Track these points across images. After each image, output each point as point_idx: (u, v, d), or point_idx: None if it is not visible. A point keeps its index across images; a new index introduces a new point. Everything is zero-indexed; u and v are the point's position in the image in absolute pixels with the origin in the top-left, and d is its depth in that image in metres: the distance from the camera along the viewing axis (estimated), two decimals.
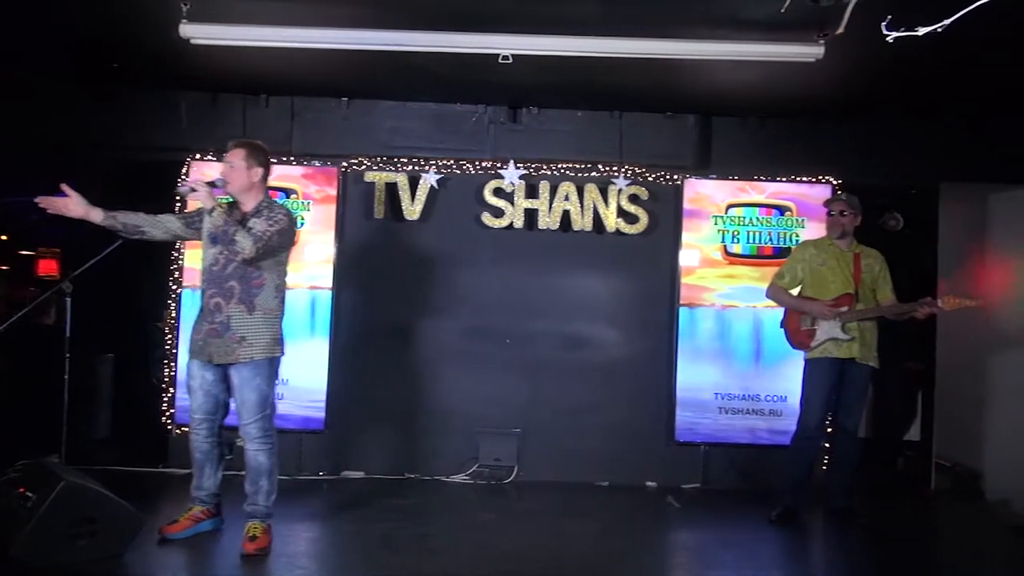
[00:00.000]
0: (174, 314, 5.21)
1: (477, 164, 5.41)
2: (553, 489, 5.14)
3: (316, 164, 5.33)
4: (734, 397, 5.34)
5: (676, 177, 5.42)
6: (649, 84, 4.76)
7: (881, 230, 5.87)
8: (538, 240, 5.41)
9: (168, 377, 5.21)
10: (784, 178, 5.41)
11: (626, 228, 5.39)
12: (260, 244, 3.49)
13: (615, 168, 5.39)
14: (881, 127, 5.36)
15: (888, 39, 2.42)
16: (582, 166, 5.40)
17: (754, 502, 4.82)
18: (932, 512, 5.38)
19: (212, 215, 3.53)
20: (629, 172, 5.39)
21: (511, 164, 5.36)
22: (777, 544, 4.34)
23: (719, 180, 5.43)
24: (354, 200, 5.38)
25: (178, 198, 4.63)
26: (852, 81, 4.48)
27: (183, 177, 4.98)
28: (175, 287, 5.21)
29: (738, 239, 5.41)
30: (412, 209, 5.35)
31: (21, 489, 3.30)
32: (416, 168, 5.37)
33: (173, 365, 5.18)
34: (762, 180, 5.42)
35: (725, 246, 5.41)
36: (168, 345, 5.25)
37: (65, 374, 4.38)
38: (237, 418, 3.68)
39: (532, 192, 5.40)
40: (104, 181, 5.67)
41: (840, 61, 3.81)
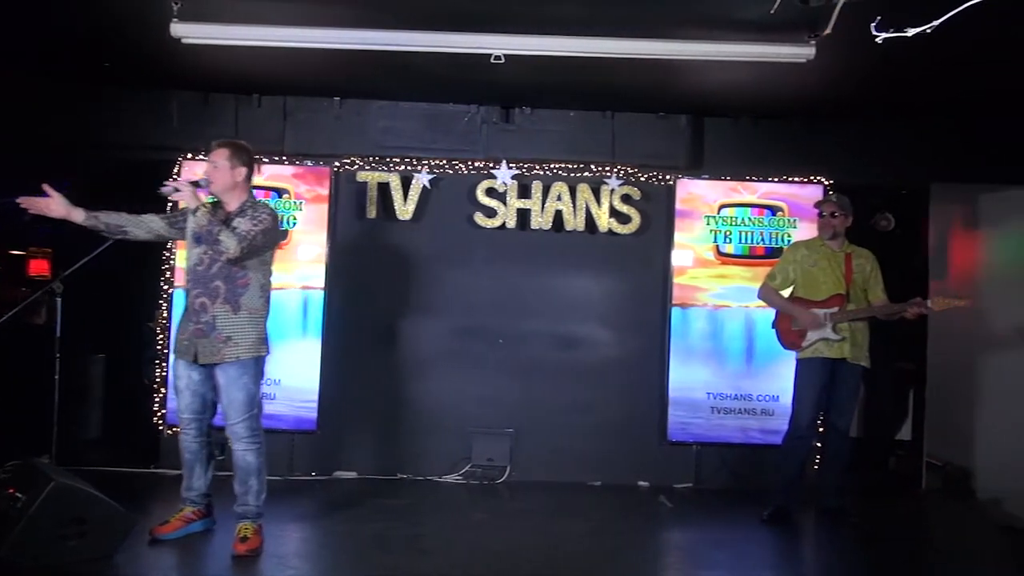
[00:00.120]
0: (165, 314, 5.20)
1: (469, 164, 5.40)
2: (546, 489, 5.15)
3: (308, 164, 5.32)
4: (726, 397, 5.36)
5: (668, 177, 5.43)
6: (641, 84, 4.77)
7: (872, 230, 5.88)
8: (531, 240, 5.41)
9: (159, 377, 5.20)
10: (776, 178, 5.43)
11: (618, 228, 5.40)
12: (245, 244, 3.49)
13: (607, 168, 5.40)
14: (872, 128, 5.38)
15: (877, 40, 2.44)
16: (574, 166, 5.41)
17: (746, 502, 4.83)
18: (923, 511, 5.40)
19: (196, 215, 3.53)
20: (621, 172, 5.40)
21: (503, 164, 5.37)
22: (769, 544, 4.35)
23: (711, 180, 5.44)
24: (346, 200, 5.37)
25: (170, 201, 4.62)
26: (843, 82, 4.49)
27: (176, 176, 4.97)
28: (167, 287, 5.19)
29: (730, 239, 5.43)
30: (404, 209, 5.34)
31: (11, 490, 3.29)
32: (408, 168, 5.37)
33: (164, 365, 5.17)
34: (754, 180, 5.43)
35: (717, 246, 5.42)
36: (159, 345, 5.24)
37: (55, 374, 4.36)
38: (223, 418, 3.68)
39: (524, 192, 5.40)
40: (96, 180, 5.67)
41: (831, 62, 3.82)
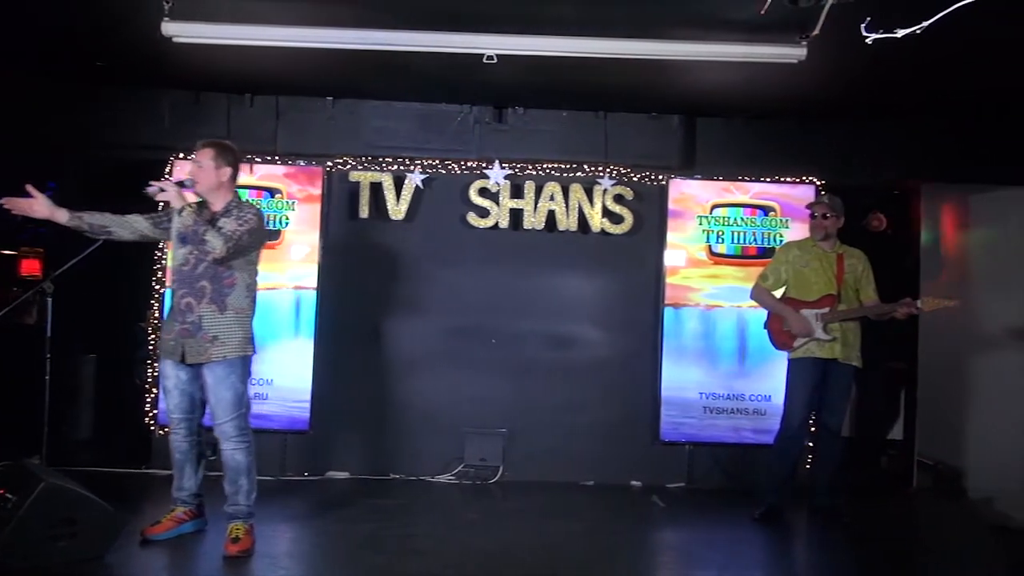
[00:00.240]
0: (157, 314, 5.18)
1: (462, 164, 5.40)
2: (538, 489, 5.15)
3: (301, 164, 5.31)
4: (719, 397, 5.37)
5: (661, 177, 5.43)
6: (634, 84, 4.78)
7: (864, 231, 5.90)
8: (523, 240, 5.42)
9: (151, 378, 5.18)
10: (768, 179, 5.44)
11: (611, 228, 5.40)
12: (231, 243, 3.49)
13: (600, 168, 5.40)
14: (864, 128, 5.39)
15: (868, 41, 2.44)
16: (567, 166, 5.41)
17: (738, 501, 4.84)
18: (914, 510, 5.42)
19: (182, 215, 3.53)
20: (614, 172, 5.40)
21: (496, 164, 5.37)
22: (761, 543, 4.36)
23: (704, 180, 5.45)
24: (339, 200, 5.37)
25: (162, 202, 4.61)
26: (835, 82, 4.51)
27: (167, 176, 4.95)
28: (158, 287, 5.18)
29: (723, 239, 5.44)
30: (397, 209, 5.34)
31: (1, 491, 3.27)
32: (401, 168, 5.37)
33: (156, 365, 5.14)
34: (746, 181, 5.44)
35: (710, 246, 5.43)
36: (151, 345, 5.22)
37: (46, 375, 4.35)
38: (211, 418, 3.67)
39: (517, 192, 5.40)
40: (87, 180, 5.65)
41: (822, 63, 3.83)
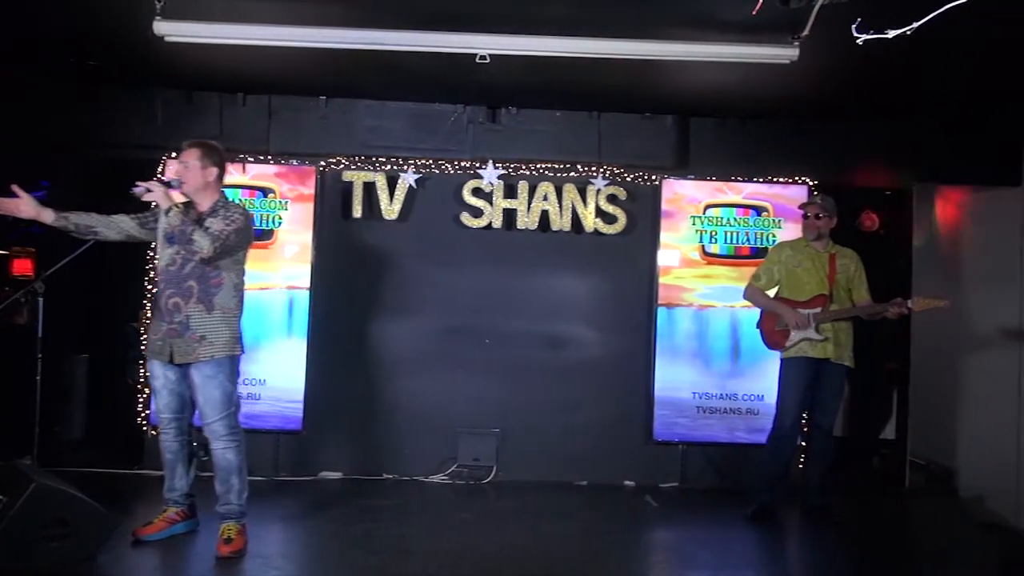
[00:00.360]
0: (149, 314, 5.15)
1: (456, 164, 5.40)
2: (532, 489, 5.15)
3: (294, 163, 5.30)
4: (712, 396, 5.37)
5: (654, 177, 5.44)
6: (627, 85, 4.78)
7: (857, 231, 5.92)
8: (517, 240, 5.42)
9: (143, 378, 5.15)
10: (761, 179, 5.45)
11: (604, 228, 5.41)
12: (218, 243, 3.51)
13: (594, 168, 5.41)
14: (856, 129, 5.40)
15: (858, 41, 2.45)
16: (561, 166, 5.41)
17: (731, 501, 4.85)
18: (906, 509, 5.44)
19: (169, 215, 3.54)
20: (607, 172, 5.41)
21: (490, 164, 5.36)
22: (753, 542, 4.38)
23: (697, 180, 5.46)
24: (332, 199, 5.36)
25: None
26: (827, 83, 4.52)
27: (160, 175, 4.93)
28: (150, 287, 5.15)
29: (716, 239, 5.44)
30: (390, 209, 5.33)
31: None
32: (394, 168, 5.36)
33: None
34: (739, 181, 5.45)
35: (703, 246, 5.44)
36: (143, 345, 5.19)
37: (37, 375, 4.33)
38: (200, 418, 3.67)
39: (511, 192, 5.40)
40: (79, 179, 5.63)
41: (815, 63, 3.83)
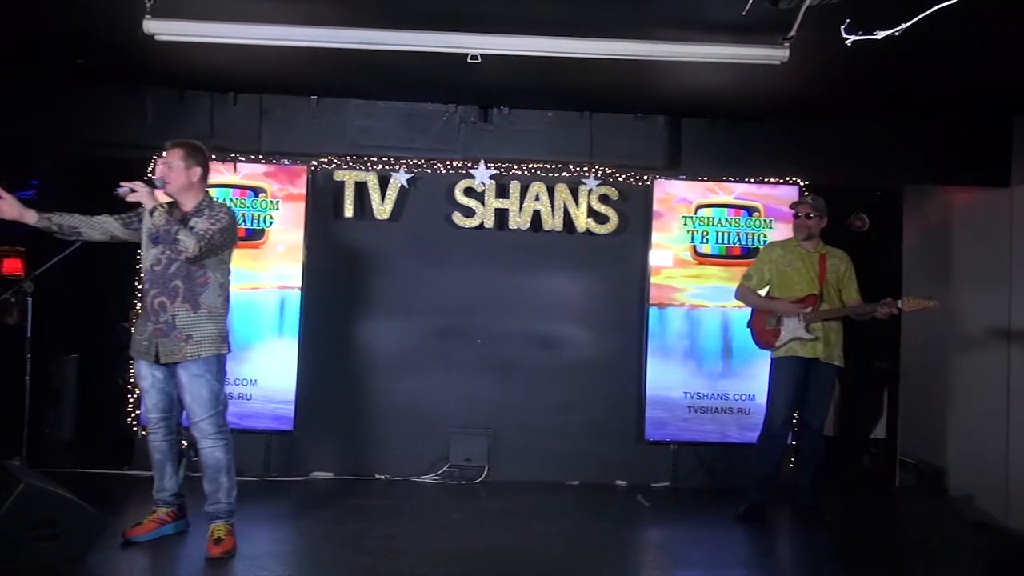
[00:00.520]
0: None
1: (448, 164, 5.40)
2: (524, 489, 5.15)
3: (285, 163, 5.29)
4: (703, 396, 5.38)
5: (646, 178, 5.45)
6: (619, 85, 4.78)
7: (847, 231, 5.95)
8: (509, 240, 5.42)
9: (134, 378, 5.13)
10: (752, 179, 5.46)
11: (596, 228, 5.41)
12: (204, 243, 3.51)
13: (585, 168, 5.41)
14: (847, 129, 5.42)
15: (847, 42, 2.46)
16: (552, 166, 5.42)
17: (723, 500, 4.86)
18: (897, 509, 5.46)
19: (153, 215, 3.53)
20: (599, 172, 5.41)
21: (482, 164, 5.36)
22: (745, 542, 4.39)
23: (688, 181, 5.47)
24: (323, 199, 5.35)
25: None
26: (817, 84, 4.53)
27: (150, 175, 4.91)
28: (141, 287, 5.13)
29: (707, 239, 5.45)
30: (382, 208, 5.33)
31: None
32: (386, 167, 5.35)
33: None
34: (730, 181, 5.47)
35: (695, 246, 5.45)
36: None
37: (26, 375, 4.31)
38: (188, 417, 3.67)
39: (503, 192, 5.40)
40: (68, 179, 5.61)
41: (805, 64, 3.84)
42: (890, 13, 2.47)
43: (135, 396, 5.11)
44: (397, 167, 5.35)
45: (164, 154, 3.70)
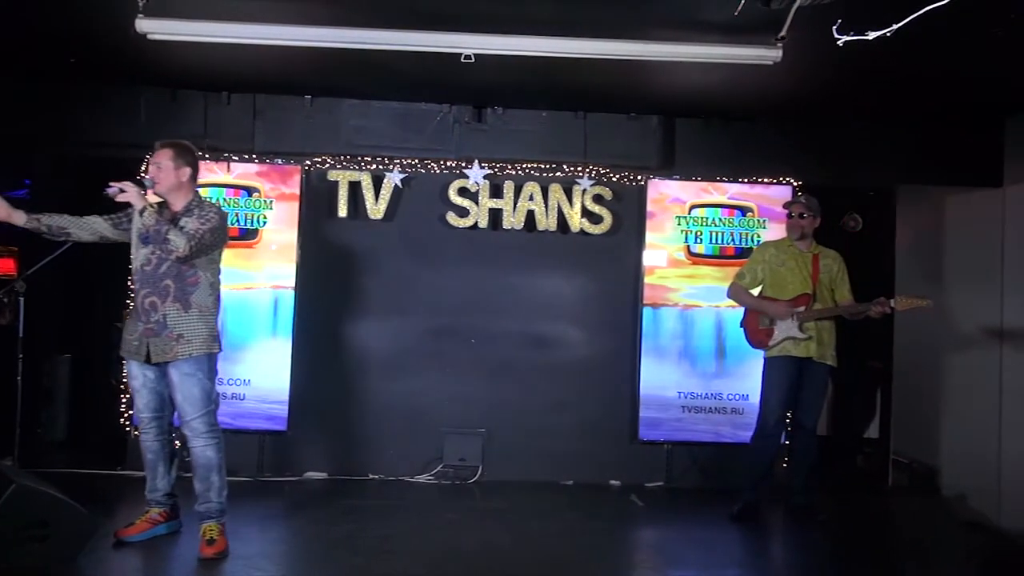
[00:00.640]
0: None
1: (442, 163, 5.39)
2: (518, 488, 5.15)
3: (279, 162, 5.28)
4: (697, 396, 5.39)
5: (640, 178, 5.45)
6: (613, 85, 4.78)
7: (841, 231, 5.96)
8: (503, 240, 5.42)
9: (126, 378, 5.12)
10: (746, 179, 5.47)
11: (590, 228, 5.41)
12: (194, 242, 3.52)
13: (579, 168, 5.41)
14: (840, 130, 5.43)
15: (839, 43, 2.47)
16: (547, 166, 5.42)
17: (716, 500, 4.86)
18: (890, 508, 5.48)
19: (143, 215, 3.53)
20: (593, 172, 5.41)
21: (476, 164, 5.36)
22: (738, 541, 4.39)
23: (682, 181, 5.47)
24: (317, 199, 5.34)
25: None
26: (810, 84, 4.53)
27: (142, 175, 4.90)
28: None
29: (701, 239, 5.46)
30: (376, 208, 5.32)
31: None
32: (380, 167, 5.35)
33: None
34: (724, 181, 5.47)
35: (688, 246, 5.45)
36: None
37: (18, 375, 4.30)
38: (179, 416, 3.66)
39: (497, 192, 5.40)
40: (61, 179, 5.59)
41: (798, 64, 3.85)
42: (882, 13, 2.48)
43: (127, 396, 5.10)
44: (391, 167, 5.35)
45: (153, 154, 3.70)
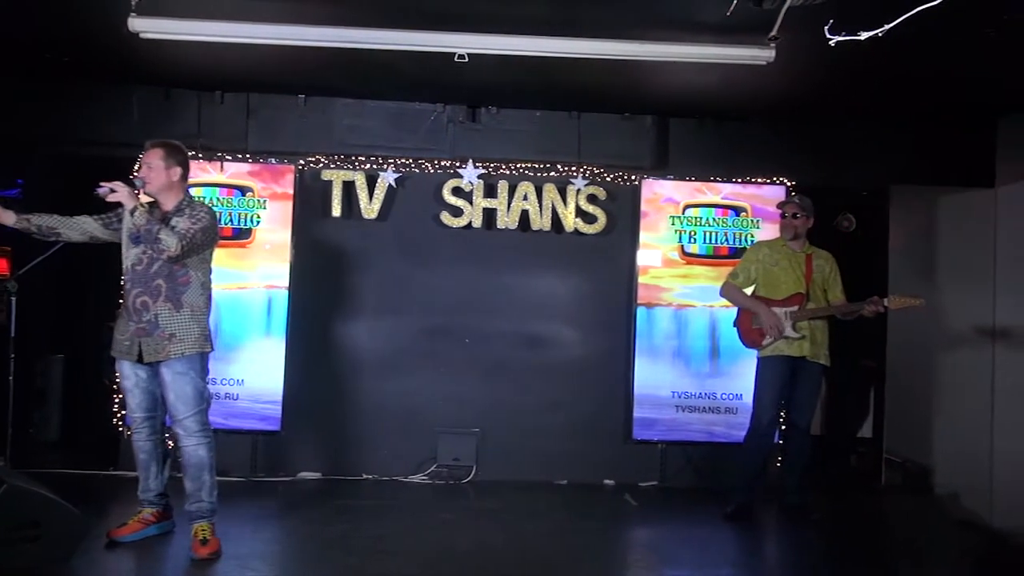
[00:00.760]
0: None
1: (436, 163, 5.39)
2: (512, 488, 5.15)
3: (272, 162, 5.27)
4: (690, 395, 5.39)
5: (634, 177, 5.46)
6: (607, 85, 4.79)
7: (834, 231, 5.97)
8: (497, 240, 5.41)
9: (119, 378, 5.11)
10: (739, 179, 5.48)
11: (584, 228, 5.41)
12: (185, 242, 3.52)
13: (573, 168, 5.41)
14: (833, 130, 5.45)
15: (831, 43, 2.47)
16: (541, 166, 5.42)
17: (710, 499, 4.87)
18: (883, 507, 5.49)
19: (134, 215, 3.52)
20: (587, 172, 5.41)
21: (470, 163, 5.36)
22: (732, 541, 4.40)
23: (676, 181, 5.48)
24: (311, 198, 5.33)
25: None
26: (803, 84, 4.55)
27: (135, 175, 4.89)
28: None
29: (695, 239, 5.47)
30: (370, 208, 5.31)
31: None
32: (374, 167, 5.34)
33: None
34: (718, 181, 5.48)
35: (682, 246, 5.46)
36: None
37: (10, 375, 4.28)
38: (171, 415, 3.65)
39: (491, 192, 5.40)
40: (53, 178, 5.56)
41: (791, 64, 3.86)
42: (874, 14, 2.49)
43: (120, 396, 5.08)
44: (385, 166, 5.34)
45: (143, 154, 3.69)
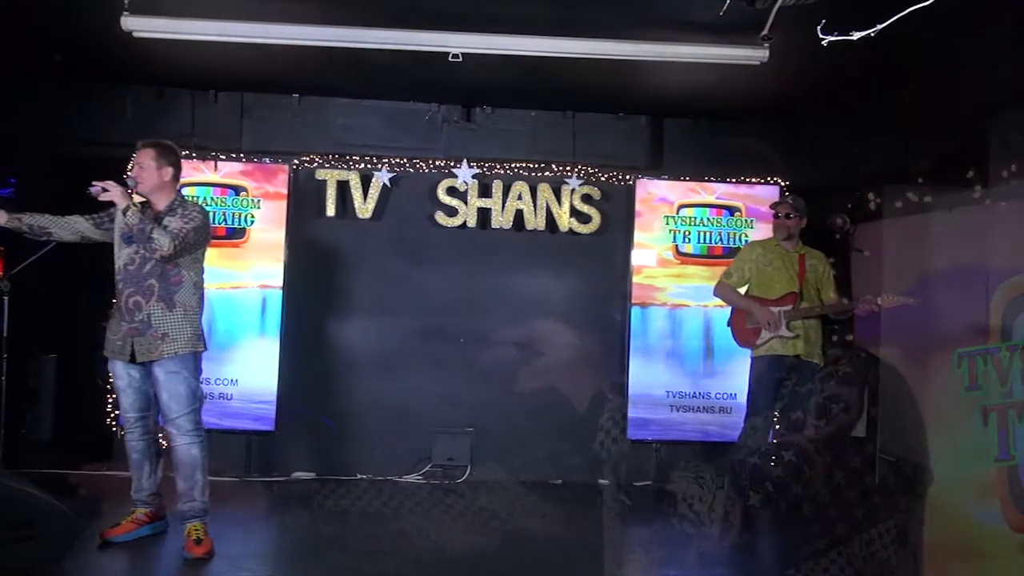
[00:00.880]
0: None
1: (430, 163, 5.39)
2: (506, 488, 5.15)
3: (267, 161, 5.26)
4: (685, 395, 5.41)
5: (628, 177, 5.46)
6: (601, 85, 4.79)
7: (827, 231, 5.98)
8: (491, 239, 5.42)
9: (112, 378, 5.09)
10: (733, 179, 5.49)
11: (579, 228, 5.42)
12: (178, 241, 3.52)
13: (568, 168, 5.42)
14: (826, 130, 5.47)
15: (823, 43, 2.48)
16: (535, 166, 5.42)
17: (704, 499, 4.87)
18: (876, 506, 5.49)
19: (127, 215, 3.52)
20: (582, 172, 5.42)
21: (464, 163, 5.36)
22: (727, 540, 4.40)
23: (670, 181, 5.49)
24: (305, 198, 5.33)
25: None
26: (797, 84, 4.56)
27: (129, 174, 4.88)
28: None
29: (689, 239, 5.48)
30: (364, 208, 5.31)
31: None
32: (368, 166, 5.34)
33: None
34: (712, 181, 5.49)
35: (677, 246, 5.47)
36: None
37: (3, 375, 4.27)
38: (164, 415, 3.66)
39: (485, 191, 5.40)
40: (46, 178, 5.54)
41: (785, 64, 3.88)
42: (866, 14, 2.50)
43: (113, 396, 5.06)
44: (379, 166, 5.34)
45: (135, 154, 3.69)
